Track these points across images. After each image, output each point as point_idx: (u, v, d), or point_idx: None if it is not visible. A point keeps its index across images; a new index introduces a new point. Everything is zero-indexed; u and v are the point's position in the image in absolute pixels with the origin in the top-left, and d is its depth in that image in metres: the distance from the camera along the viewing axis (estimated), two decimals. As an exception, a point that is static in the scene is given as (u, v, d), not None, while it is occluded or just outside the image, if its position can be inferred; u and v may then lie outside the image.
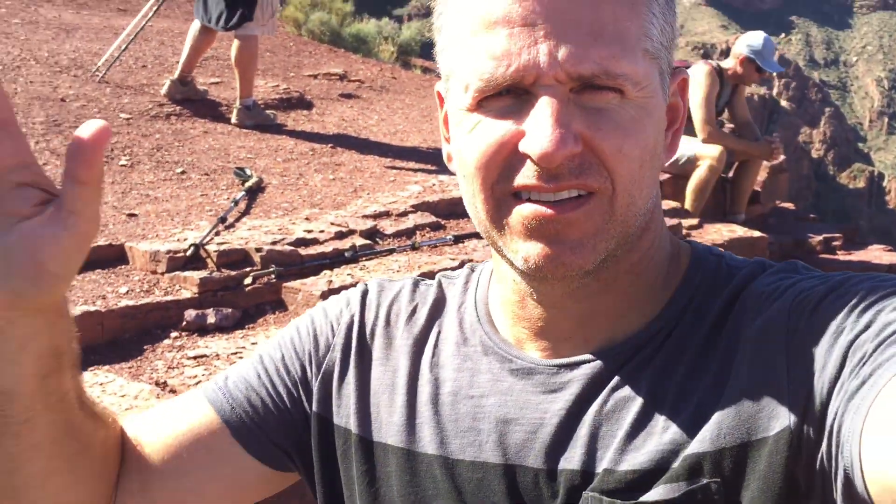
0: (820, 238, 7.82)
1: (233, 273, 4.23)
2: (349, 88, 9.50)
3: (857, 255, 7.79)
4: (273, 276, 4.27)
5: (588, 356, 0.96)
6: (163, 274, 4.21)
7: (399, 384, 1.05)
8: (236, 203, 5.13)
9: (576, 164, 0.85)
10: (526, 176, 0.86)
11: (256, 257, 4.35)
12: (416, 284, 1.14)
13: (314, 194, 5.65)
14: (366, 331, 1.10)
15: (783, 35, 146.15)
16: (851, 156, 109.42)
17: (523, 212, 0.87)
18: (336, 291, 4.16)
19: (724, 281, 0.97)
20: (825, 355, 0.82)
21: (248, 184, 5.52)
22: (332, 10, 15.21)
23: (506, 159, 0.87)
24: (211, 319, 3.92)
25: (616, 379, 0.93)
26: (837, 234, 7.98)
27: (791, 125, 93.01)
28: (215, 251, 4.29)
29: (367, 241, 4.78)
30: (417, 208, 5.40)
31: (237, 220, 4.97)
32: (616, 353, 0.95)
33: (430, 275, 4.28)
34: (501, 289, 1.02)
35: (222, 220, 4.76)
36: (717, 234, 6.02)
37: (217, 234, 4.58)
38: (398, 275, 4.37)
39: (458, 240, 4.99)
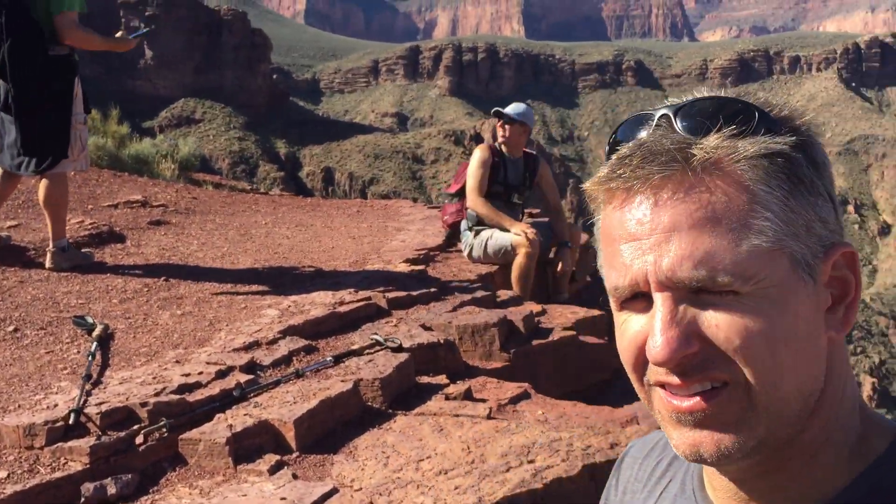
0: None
1: (121, 434, 3.92)
2: (155, 215, 9.16)
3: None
4: (164, 429, 4.01)
5: None
6: (42, 448, 3.82)
7: None
8: (93, 356, 4.77)
9: (699, 360, 0.93)
10: (657, 372, 0.96)
11: (143, 412, 4.06)
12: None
13: (170, 334, 5.37)
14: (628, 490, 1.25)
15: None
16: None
17: (664, 403, 0.97)
18: (241, 436, 3.99)
19: None
20: None
21: (95, 333, 5.15)
22: (108, 134, 14.67)
23: (644, 356, 0.97)
24: (112, 490, 3.60)
25: None
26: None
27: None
28: (97, 413, 3.96)
29: (250, 376, 4.62)
30: (285, 333, 5.30)
31: (100, 374, 4.62)
32: None
33: (330, 402, 4.21)
34: None
35: (87, 377, 4.41)
36: (563, 317, 6.40)
37: (88, 393, 4.24)
38: (295, 406, 4.27)
39: (339, 360, 4.95)
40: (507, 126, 7.73)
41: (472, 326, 5.63)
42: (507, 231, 7.48)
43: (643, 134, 1.01)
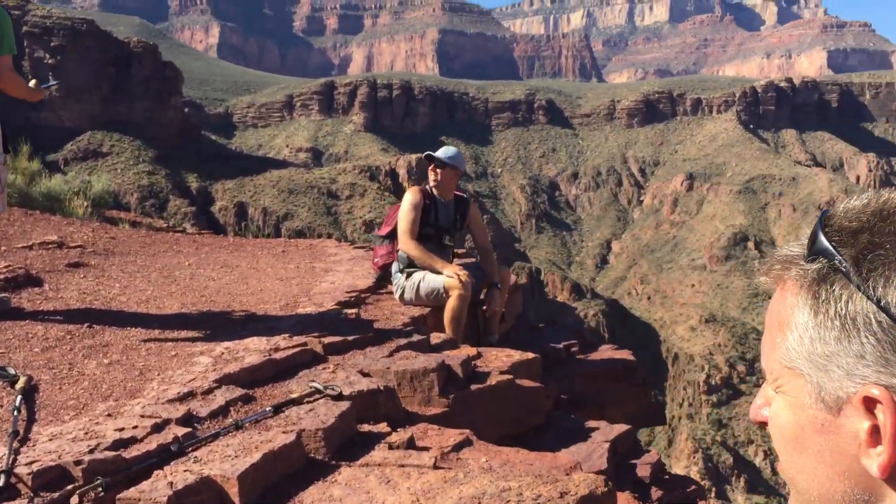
0: (561, 346, 8.63)
1: (55, 495, 3.73)
2: (73, 256, 8.85)
3: (595, 356, 8.70)
4: (101, 489, 3.83)
5: None
6: (-33, 513, 3.60)
7: None
8: (18, 410, 4.54)
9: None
10: None
11: (77, 471, 3.88)
12: None
13: (98, 384, 5.16)
14: None
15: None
16: (512, 256, 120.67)
17: None
18: (182, 493, 3.85)
19: None
20: None
21: (18, 385, 4.91)
22: (18, 171, 14.13)
23: None
24: (46, 555, 3.42)
25: None
26: (574, 341, 8.86)
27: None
28: (28, 473, 3.77)
29: (188, 429, 4.47)
30: (220, 382, 5.16)
31: (27, 430, 4.40)
32: None
33: (273, 455, 4.09)
34: None
35: (14, 434, 4.19)
36: (498, 360, 6.43)
37: (17, 452, 4.02)
38: (237, 461, 4.15)
39: (278, 410, 4.85)
40: (438, 170, 7.80)
41: (410, 372, 5.60)
42: (440, 273, 7.51)
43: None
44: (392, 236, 8.04)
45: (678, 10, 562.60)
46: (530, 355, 6.60)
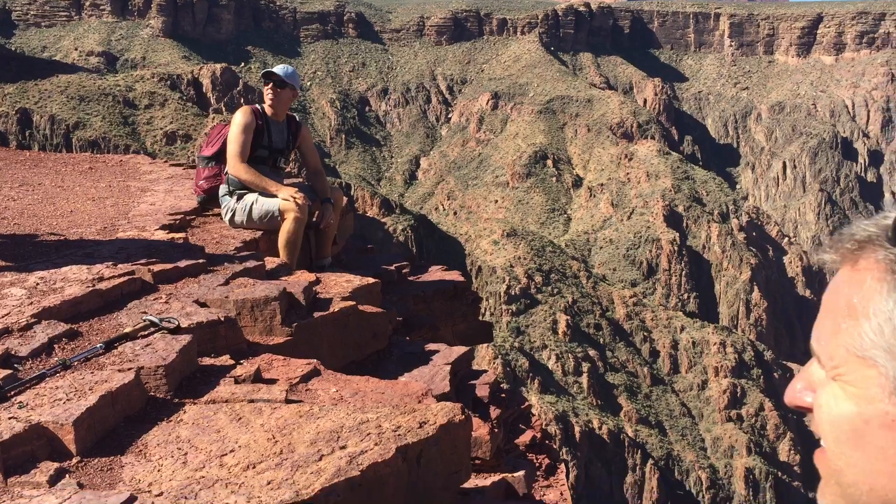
0: (393, 268, 8.60)
1: None
2: None
3: (426, 277, 8.75)
4: (-90, 444, 3.39)
5: None
6: None
7: None
8: None
9: (813, 416, 1.08)
10: None
11: None
12: None
13: None
14: None
15: (242, 64, 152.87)
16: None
17: None
18: (9, 444, 3.48)
19: None
20: None
21: None
22: None
23: None
24: None
25: None
26: (405, 262, 8.86)
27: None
28: None
29: (7, 371, 4.04)
30: (39, 317, 4.69)
31: None
32: None
33: (110, 397, 3.78)
34: None
35: None
36: (338, 285, 6.29)
37: None
38: (70, 405, 3.80)
39: (110, 346, 4.48)
40: (278, 90, 7.39)
41: (251, 301, 5.36)
42: (274, 196, 7.19)
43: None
44: (218, 157, 7.59)
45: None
46: (370, 280, 6.51)
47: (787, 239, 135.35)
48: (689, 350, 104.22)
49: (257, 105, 7.50)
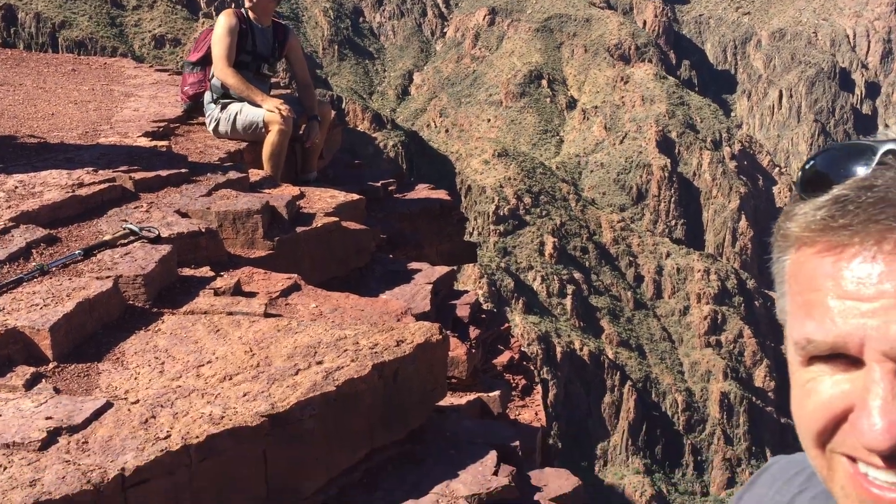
0: (379, 185, 8.54)
1: None
2: None
3: (412, 195, 8.70)
4: None
5: None
6: None
7: None
8: None
9: None
10: (855, 448, 0.85)
11: None
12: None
13: None
14: None
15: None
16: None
17: (856, 485, 0.85)
18: (-14, 348, 3.48)
19: None
20: None
21: None
22: None
23: (835, 424, 0.87)
24: None
25: None
26: (392, 179, 8.79)
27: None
28: None
29: (-16, 275, 4.01)
30: (18, 221, 4.65)
31: None
32: None
33: (88, 304, 3.76)
34: None
35: None
36: (322, 201, 6.25)
37: None
38: (48, 310, 3.79)
39: (89, 253, 4.45)
40: None
41: (233, 213, 5.32)
42: (258, 106, 7.06)
43: (861, 171, 0.86)
44: (204, 63, 7.41)
45: None
46: (355, 196, 6.46)
47: (777, 169, 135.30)
48: (673, 276, 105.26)
49: (241, 8, 7.29)
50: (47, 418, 3.24)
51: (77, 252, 4.42)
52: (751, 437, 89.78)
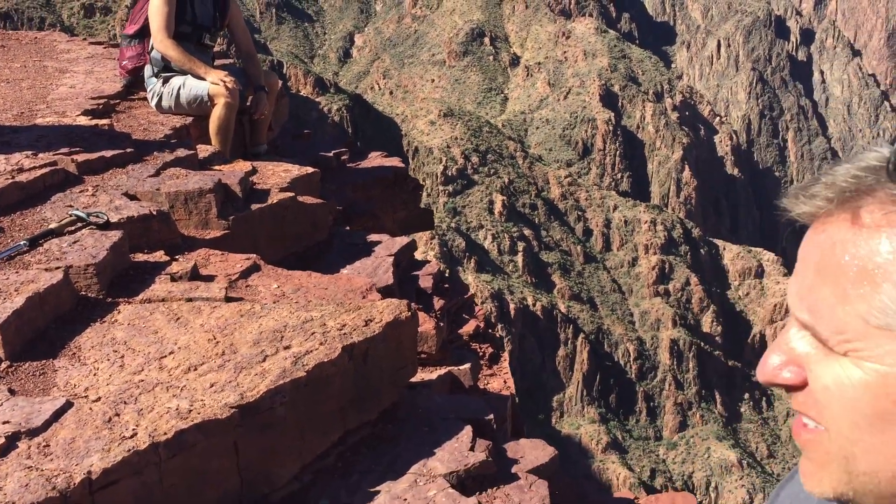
0: (331, 154, 8.36)
1: None
2: None
3: (364, 164, 8.54)
4: None
5: None
6: None
7: None
8: None
9: (800, 395, 0.92)
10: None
11: None
12: None
13: None
14: None
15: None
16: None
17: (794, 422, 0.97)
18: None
19: None
20: None
21: None
22: None
23: None
24: None
25: None
26: (343, 149, 8.61)
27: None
28: None
29: (-76, 273, 3.80)
30: (-45, 213, 4.41)
31: None
32: None
33: (38, 298, 3.59)
34: None
35: None
36: (276, 175, 6.07)
37: None
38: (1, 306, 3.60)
39: (35, 243, 4.24)
40: None
41: (184, 193, 5.13)
42: (202, 79, 6.80)
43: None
44: (142, 35, 7.11)
45: None
46: (309, 169, 6.29)
47: (718, 118, 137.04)
48: (620, 228, 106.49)
49: None
50: (4, 422, 3.09)
51: (22, 242, 4.21)
52: (700, 381, 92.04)
